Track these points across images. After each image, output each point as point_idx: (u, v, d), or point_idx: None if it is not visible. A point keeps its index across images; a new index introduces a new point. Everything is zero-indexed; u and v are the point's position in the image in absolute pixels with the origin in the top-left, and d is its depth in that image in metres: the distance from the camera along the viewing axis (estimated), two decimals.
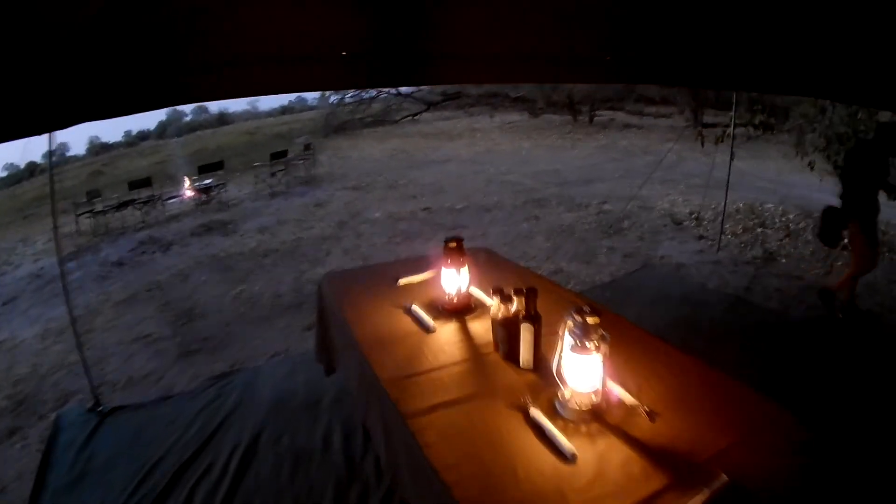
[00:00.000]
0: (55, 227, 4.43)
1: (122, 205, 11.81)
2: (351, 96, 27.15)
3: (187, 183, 13.38)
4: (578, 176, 12.27)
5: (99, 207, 11.71)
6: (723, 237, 7.52)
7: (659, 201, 9.63)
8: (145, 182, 11.95)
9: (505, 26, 3.15)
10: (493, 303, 2.37)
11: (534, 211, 9.57)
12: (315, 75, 3.48)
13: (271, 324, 5.82)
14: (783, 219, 8.45)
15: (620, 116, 21.71)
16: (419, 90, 27.37)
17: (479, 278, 3.04)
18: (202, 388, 4.53)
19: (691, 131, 16.72)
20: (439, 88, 27.00)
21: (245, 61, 3.04)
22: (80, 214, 11.67)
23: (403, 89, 26.58)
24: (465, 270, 2.82)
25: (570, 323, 1.84)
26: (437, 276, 2.97)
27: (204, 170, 12.67)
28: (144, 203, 11.73)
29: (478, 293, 2.97)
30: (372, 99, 27.36)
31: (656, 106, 21.56)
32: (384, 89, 26.27)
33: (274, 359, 4.99)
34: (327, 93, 27.87)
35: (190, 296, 6.89)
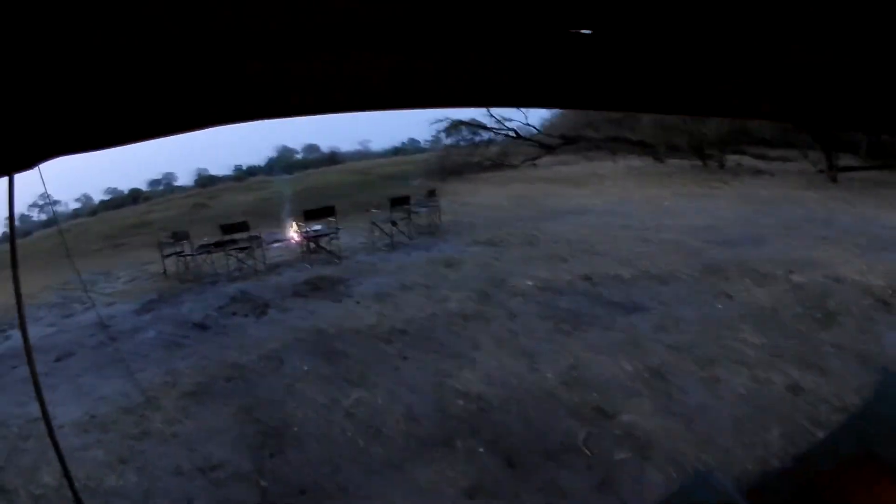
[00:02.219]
0: (18, 297, 3.26)
1: (218, 245, 10.36)
2: (465, 139, 27.02)
3: (294, 227, 11.87)
4: (739, 234, 10.23)
5: (187, 250, 10.35)
6: None
7: (843, 269, 7.53)
8: (241, 226, 10.45)
9: None
10: None
11: (718, 284, 7.50)
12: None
13: (406, 475, 3.88)
14: None
15: (747, 161, 19.78)
16: (538, 133, 26.17)
17: None
18: None
19: (824, 177, 15.99)
20: (558, 131, 25.71)
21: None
22: (166, 256, 10.45)
23: (523, 131, 26.02)
24: None
25: None
26: None
27: (312, 216, 11.08)
28: (242, 249, 10.18)
29: None
30: (489, 142, 26.87)
31: (777, 149, 19.61)
32: (502, 131, 26.00)
33: None
34: (441, 134, 27.82)
35: (284, 399, 5.07)
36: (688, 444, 3.95)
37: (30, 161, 2.22)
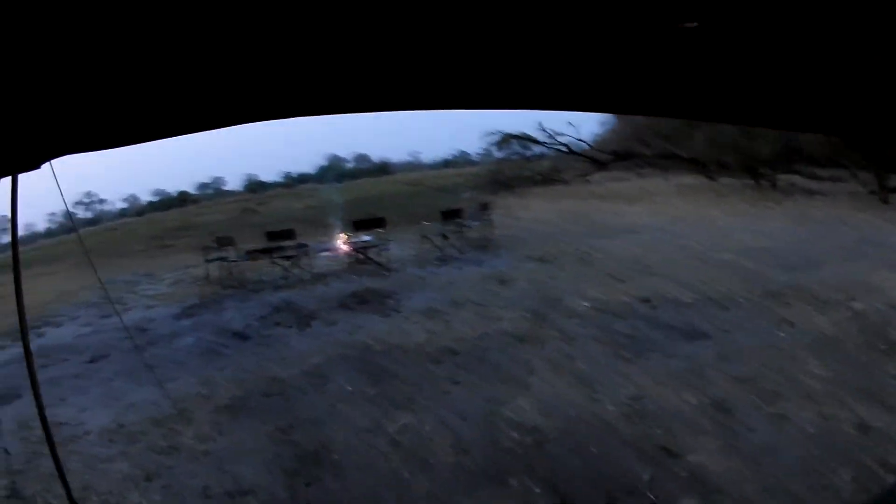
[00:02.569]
0: (19, 299, 2.88)
1: (264, 252, 10.17)
2: (516, 152, 26.60)
3: (343, 236, 11.64)
4: (796, 257, 9.72)
5: (232, 255, 10.35)
6: None
7: None
8: (287, 234, 10.20)
9: None
10: None
11: (778, 310, 7.05)
12: None
13: None
14: None
15: (798, 180, 19.00)
16: (589, 148, 25.64)
17: None
18: None
19: (876, 199, 15.64)
20: (609, 146, 25.23)
21: None
22: (210, 261, 10.57)
23: (574, 146, 25.48)
24: None
25: None
26: None
27: (361, 226, 10.82)
28: (288, 257, 10.00)
29: None
30: (541, 156, 26.45)
31: (827, 169, 18.85)
32: (554, 145, 25.48)
33: None
34: (493, 147, 27.24)
35: (324, 420, 4.77)
36: (756, 488, 3.65)
37: (36, 160, 2.17)
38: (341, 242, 11.58)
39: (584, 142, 25.62)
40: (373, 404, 4.94)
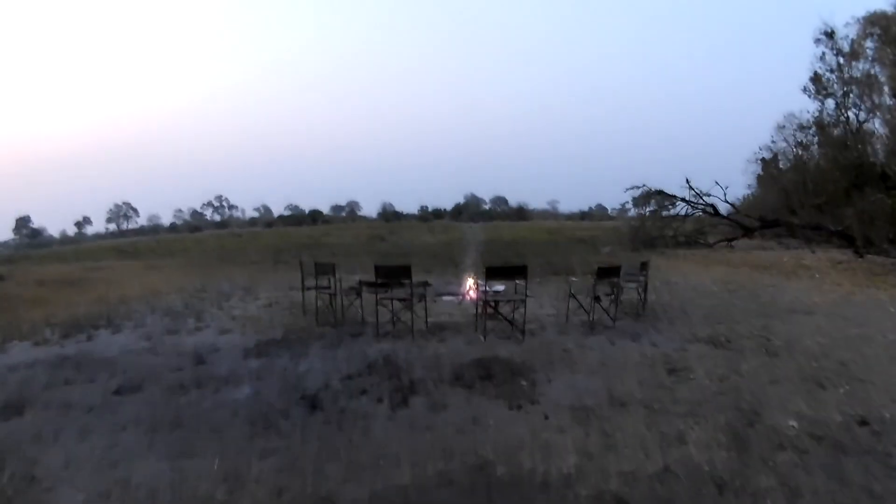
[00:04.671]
0: None
1: (371, 285, 8.26)
2: (656, 209, 26.51)
3: (472, 282, 9.82)
4: None
5: (334, 285, 8.87)
6: None
7: None
8: (402, 272, 8.06)
9: None
10: None
11: None
12: None
13: None
14: None
15: None
16: (735, 212, 25.84)
17: None
18: None
19: None
20: (755, 211, 25.58)
21: None
22: (307, 289, 9.15)
23: (721, 208, 25.84)
24: None
25: None
26: None
27: (497, 273, 8.49)
28: (402, 300, 8.15)
29: None
30: (685, 216, 26.06)
31: None
32: (699, 205, 25.48)
33: None
34: (628, 204, 27.73)
35: None
36: None
37: None
38: (470, 289, 9.54)
39: (731, 204, 26.07)
40: None
